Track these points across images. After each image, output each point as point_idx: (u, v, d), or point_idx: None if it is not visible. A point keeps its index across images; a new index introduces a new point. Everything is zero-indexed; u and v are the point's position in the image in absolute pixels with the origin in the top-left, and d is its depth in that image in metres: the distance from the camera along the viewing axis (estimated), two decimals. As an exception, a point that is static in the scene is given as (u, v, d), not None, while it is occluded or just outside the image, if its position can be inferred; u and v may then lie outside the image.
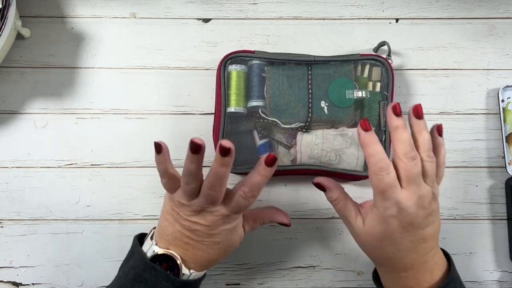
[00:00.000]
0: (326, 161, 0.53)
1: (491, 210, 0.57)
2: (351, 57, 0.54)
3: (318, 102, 0.53)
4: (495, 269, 0.56)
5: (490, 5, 0.61)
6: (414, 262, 0.42)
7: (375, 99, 0.53)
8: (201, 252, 0.44)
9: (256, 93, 0.54)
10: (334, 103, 0.53)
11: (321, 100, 0.53)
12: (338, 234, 0.56)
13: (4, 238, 0.56)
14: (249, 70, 0.54)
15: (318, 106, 0.53)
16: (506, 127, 0.58)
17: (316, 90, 0.53)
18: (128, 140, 0.58)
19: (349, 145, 0.53)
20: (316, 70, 0.54)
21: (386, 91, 0.54)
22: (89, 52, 0.59)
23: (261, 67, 0.54)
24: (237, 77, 0.54)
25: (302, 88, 0.53)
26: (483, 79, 0.59)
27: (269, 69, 0.54)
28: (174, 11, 0.61)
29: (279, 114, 0.53)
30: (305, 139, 0.53)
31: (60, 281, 0.55)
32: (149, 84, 0.59)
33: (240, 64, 0.54)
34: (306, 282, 0.56)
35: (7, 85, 0.58)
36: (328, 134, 0.53)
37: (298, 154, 0.53)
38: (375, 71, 0.55)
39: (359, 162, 0.53)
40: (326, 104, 0.53)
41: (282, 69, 0.54)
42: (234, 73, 0.54)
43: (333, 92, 0.53)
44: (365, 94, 0.53)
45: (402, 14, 0.61)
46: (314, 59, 0.54)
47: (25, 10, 0.60)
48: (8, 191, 0.56)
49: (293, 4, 0.61)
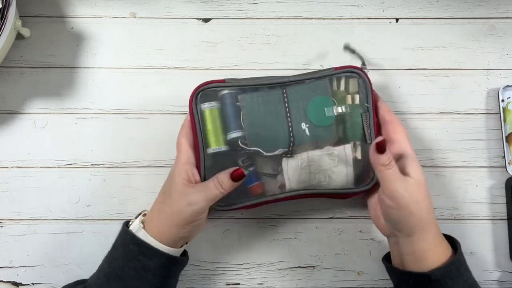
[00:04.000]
0: (316, 183, 0.51)
1: (491, 210, 0.57)
2: (325, 72, 0.51)
3: (298, 125, 0.50)
4: (495, 269, 0.56)
5: (490, 5, 0.61)
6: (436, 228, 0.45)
7: (356, 113, 0.51)
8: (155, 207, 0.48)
9: (233, 124, 0.50)
10: (315, 123, 0.50)
11: (301, 122, 0.50)
12: (338, 234, 0.56)
13: (4, 238, 0.56)
14: (222, 102, 0.50)
15: (299, 129, 0.50)
16: (506, 127, 0.58)
17: (294, 113, 0.50)
18: (128, 140, 0.58)
19: (337, 164, 0.50)
20: (291, 91, 0.50)
21: (366, 102, 0.51)
22: (89, 52, 0.59)
23: (234, 96, 0.50)
24: (211, 116, 0.50)
25: (280, 112, 0.50)
26: (483, 79, 0.59)
27: (243, 97, 0.50)
28: (174, 11, 0.61)
29: (259, 143, 0.50)
30: (290, 165, 0.50)
31: (60, 281, 0.55)
32: (149, 84, 0.59)
33: (211, 102, 0.50)
34: (306, 282, 0.56)
35: (7, 85, 0.58)
36: (314, 156, 0.50)
37: (286, 181, 0.50)
38: (352, 83, 0.51)
39: (349, 178, 0.51)
40: (307, 126, 0.50)
41: (257, 96, 0.50)
42: (207, 112, 0.50)
43: (312, 112, 0.50)
44: (345, 109, 0.50)
45: (402, 14, 0.61)
46: (288, 80, 0.51)
47: (25, 10, 0.60)
48: (8, 191, 0.56)
49: (293, 4, 0.61)
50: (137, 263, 0.44)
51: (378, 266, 0.55)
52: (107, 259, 0.46)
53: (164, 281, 0.46)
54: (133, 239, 0.45)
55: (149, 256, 0.44)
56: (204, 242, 0.56)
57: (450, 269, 0.44)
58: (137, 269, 0.44)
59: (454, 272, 0.44)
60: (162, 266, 0.45)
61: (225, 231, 0.56)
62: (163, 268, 0.45)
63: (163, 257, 0.45)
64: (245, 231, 0.56)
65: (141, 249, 0.44)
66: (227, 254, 0.56)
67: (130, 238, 0.45)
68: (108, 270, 0.45)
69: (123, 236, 0.46)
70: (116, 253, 0.46)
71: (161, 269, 0.45)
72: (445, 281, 0.43)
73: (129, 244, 0.45)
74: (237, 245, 0.56)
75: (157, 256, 0.44)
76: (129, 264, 0.44)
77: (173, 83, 0.59)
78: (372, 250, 0.56)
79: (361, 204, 0.57)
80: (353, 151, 0.51)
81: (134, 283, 0.44)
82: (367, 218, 0.57)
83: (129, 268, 0.44)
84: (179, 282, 0.51)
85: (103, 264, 0.46)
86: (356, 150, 0.51)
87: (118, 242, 0.46)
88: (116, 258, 0.45)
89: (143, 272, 0.44)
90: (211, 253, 0.56)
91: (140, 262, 0.44)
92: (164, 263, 0.45)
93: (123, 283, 0.44)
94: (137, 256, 0.44)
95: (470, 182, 0.57)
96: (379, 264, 0.55)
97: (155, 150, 0.57)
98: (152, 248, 0.44)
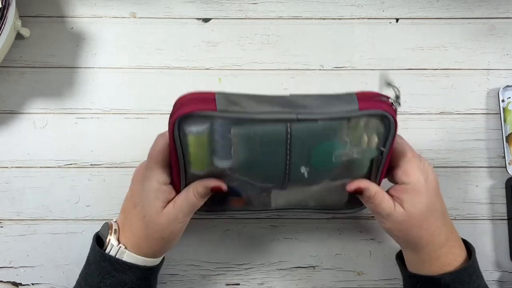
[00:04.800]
0: (304, 204, 0.48)
1: (491, 210, 0.57)
2: (346, 108, 0.39)
3: (297, 168, 0.41)
4: (495, 269, 0.56)
5: (490, 5, 0.61)
6: (447, 231, 0.44)
7: (367, 156, 0.42)
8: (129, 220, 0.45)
9: (221, 153, 0.41)
10: (318, 167, 0.42)
11: (301, 166, 0.41)
12: (338, 234, 0.56)
13: (4, 238, 0.56)
14: (211, 128, 0.39)
15: (297, 171, 0.42)
16: (506, 127, 0.58)
17: (296, 157, 0.41)
18: (128, 140, 0.58)
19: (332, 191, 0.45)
20: (297, 132, 0.39)
21: (383, 146, 0.42)
22: (89, 52, 0.59)
23: (227, 127, 0.39)
24: (196, 144, 0.40)
25: (278, 154, 0.40)
26: (483, 79, 0.59)
27: (236, 132, 0.39)
28: (174, 11, 0.61)
29: (249, 175, 0.43)
30: (281, 195, 0.46)
31: (60, 281, 0.55)
32: (149, 84, 0.59)
33: (198, 125, 0.39)
34: (306, 282, 0.56)
35: (7, 85, 0.58)
36: (310, 190, 0.45)
37: (272, 203, 0.47)
38: (374, 122, 0.40)
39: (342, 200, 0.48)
40: (307, 169, 0.42)
41: (253, 133, 0.39)
42: (192, 138, 0.40)
43: (317, 157, 0.41)
44: (356, 154, 0.41)
45: (402, 14, 0.61)
46: (297, 117, 0.38)
47: (25, 10, 0.60)
48: (8, 191, 0.56)
49: (293, 4, 0.61)
50: (112, 279, 0.43)
51: (378, 266, 0.55)
52: (82, 275, 0.45)
53: None
54: (103, 257, 0.43)
55: (123, 271, 0.43)
56: (204, 242, 0.56)
57: (462, 275, 0.43)
58: (114, 285, 0.43)
59: (466, 278, 0.43)
60: (139, 279, 0.44)
61: (225, 231, 0.56)
62: (141, 280, 0.44)
63: (139, 270, 0.44)
64: (245, 231, 0.56)
65: (114, 266, 0.43)
66: (227, 254, 0.56)
67: (100, 255, 0.43)
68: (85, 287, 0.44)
69: (94, 254, 0.44)
70: (90, 270, 0.44)
71: (139, 281, 0.44)
72: (455, 286, 0.42)
73: (100, 262, 0.43)
74: (237, 245, 0.56)
75: (132, 271, 0.43)
76: (104, 281, 0.43)
77: (173, 83, 0.59)
78: (372, 250, 0.56)
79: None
80: None
81: None
82: (367, 218, 0.57)
83: (104, 285, 0.43)
84: (179, 282, 0.51)
85: (79, 281, 0.45)
86: None
87: (90, 258, 0.45)
88: (91, 275, 0.44)
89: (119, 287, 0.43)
90: (211, 253, 0.56)
91: (115, 278, 0.43)
92: (141, 275, 0.44)
93: None
94: (111, 272, 0.43)
95: (470, 182, 0.57)
96: (379, 264, 0.55)
97: (155, 150, 0.57)
98: (125, 263, 0.43)
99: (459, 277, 0.43)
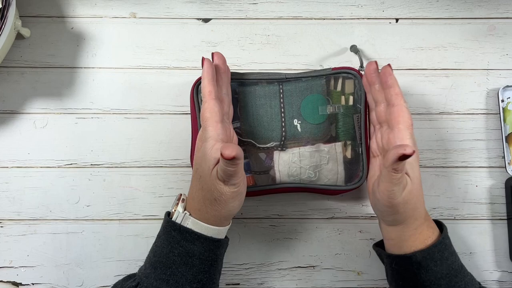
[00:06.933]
0: (306, 178, 0.52)
1: (491, 210, 0.57)
2: (323, 71, 0.53)
3: (291, 120, 0.52)
4: (495, 269, 0.56)
5: (490, 5, 0.61)
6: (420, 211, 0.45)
7: (348, 113, 0.52)
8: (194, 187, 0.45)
9: None
10: (307, 120, 0.52)
11: (294, 118, 0.52)
12: (338, 234, 0.56)
13: (4, 238, 0.56)
14: None
15: (291, 124, 0.52)
16: (506, 127, 0.58)
17: (288, 108, 0.52)
18: (128, 140, 0.58)
19: (327, 161, 0.52)
20: (287, 87, 0.53)
21: (360, 104, 0.52)
22: (89, 52, 0.59)
23: (233, 89, 0.52)
24: None
25: (274, 107, 0.52)
26: (483, 79, 0.59)
27: (241, 90, 0.53)
28: (174, 11, 0.61)
29: (253, 135, 0.52)
30: (282, 158, 0.52)
31: (60, 281, 0.55)
32: (149, 84, 0.59)
33: None
34: (306, 282, 0.56)
35: (7, 85, 0.58)
36: (305, 152, 0.52)
37: (276, 173, 0.52)
38: (348, 84, 0.53)
39: (340, 177, 0.52)
40: (299, 122, 0.52)
41: (254, 89, 0.52)
42: None
43: (305, 109, 0.52)
44: (338, 109, 0.52)
45: (402, 14, 0.61)
46: (285, 77, 0.53)
47: (25, 10, 0.60)
48: (8, 191, 0.56)
49: (293, 4, 0.61)
50: (181, 249, 0.43)
51: (378, 266, 0.55)
52: (152, 249, 0.46)
53: (210, 265, 0.45)
54: (173, 226, 0.44)
55: (192, 241, 0.44)
56: (204, 242, 0.56)
57: (432, 252, 0.43)
58: (182, 255, 0.43)
59: (437, 254, 0.43)
60: (207, 250, 0.44)
61: (225, 231, 0.56)
62: (208, 252, 0.44)
63: (206, 240, 0.44)
64: (245, 231, 0.56)
65: (183, 235, 0.44)
66: (227, 254, 0.56)
67: (171, 225, 0.44)
68: (154, 259, 0.45)
69: (164, 225, 0.45)
70: (160, 242, 0.45)
71: (206, 253, 0.44)
72: (427, 264, 0.43)
73: (170, 231, 0.44)
74: (237, 245, 0.56)
75: (200, 241, 0.44)
76: (173, 251, 0.44)
77: (173, 83, 0.59)
78: (372, 250, 0.56)
79: (361, 204, 0.57)
80: (343, 149, 0.52)
81: (181, 269, 0.43)
82: (367, 218, 0.57)
83: (173, 255, 0.43)
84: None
85: (149, 255, 0.46)
86: (346, 149, 0.52)
87: (161, 232, 0.46)
88: (160, 247, 0.45)
89: (188, 258, 0.43)
90: (211, 253, 0.56)
91: (184, 248, 0.43)
92: (209, 247, 0.44)
93: (170, 270, 0.43)
94: (180, 242, 0.44)
95: (470, 182, 0.57)
96: (379, 264, 0.55)
97: (155, 150, 0.57)
98: (193, 232, 0.44)
99: (431, 253, 0.43)
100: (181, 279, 0.43)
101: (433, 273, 0.43)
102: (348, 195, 0.56)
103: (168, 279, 0.43)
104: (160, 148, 0.57)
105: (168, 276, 0.43)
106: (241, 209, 0.56)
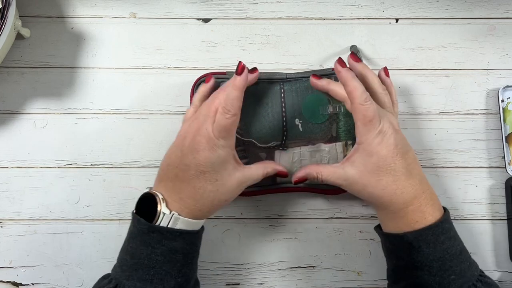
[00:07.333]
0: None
1: (491, 210, 0.57)
2: (323, 71, 0.53)
3: (293, 120, 0.52)
4: (495, 269, 0.56)
5: (490, 5, 0.61)
6: (415, 191, 0.44)
7: (349, 113, 0.51)
8: (187, 185, 0.44)
9: None
10: (308, 119, 0.52)
11: (295, 118, 0.52)
12: (338, 234, 0.56)
13: (4, 238, 0.56)
14: None
15: (293, 123, 0.52)
16: (506, 127, 0.58)
17: (290, 108, 0.52)
18: (128, 140, 0.58)
19: (328, 161, 0.52)
20: (288, 87, 0.53)
21: None
22: (89, 52, 0.60)
23: None
24: None
25: (276, 106, 0.52)
26: (483, 79, 0.59)
27: None
28: (174, 11, 0.61)
29: (254, 134, 0.52)
30: (282, 157, 0.52)
31: (60, 281, 0.55)
32: (149, 84, 0.59)
33: None
34: (306, 282, 0.56)
35: (7, 85, 0.58)
36: (305, 151, 0.52)
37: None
38: None
39: None
40: (300, 122, 0.52)
41: (255, 89, 0.52)
42: None
43: (306, 109, 0.52)
44: (338, 109, 0.52)
45: (402, 14, 0.61)
46: (286, 77, 0.53)
47: (25, 10, 0.60)
48: (8, 191, 0.56)
49: (293, 4, 0.61)
50: (163, 248, 0.43)
51: (378, 266, 0.55)
52: (126, 252, 0.45)
53: (192, 257, 0.46)
54: (151, 228, 0.43)
55: (173, 239, 0.43)
56: (204, 242, 0.56)
57: (425, 234, 0.43)
58: (165, 253, 0.43)
59: (431, 237, 0.43)
60: (188, 244, 0.45)
61: (225, 231, 0.56)
62: (190, 245, 0.45)
63: (188, 235, 0.44)
64: (245, 231, 0.56)
65: (164, 235, 0.43)
66: (227, 254, 0.56)
67: (148, 227, 0.43)
68: (132, 261, 0.44)
69: (139, 227, 0.44)
70: (135, 244, 0.44)
71: (188, 247, 0.45)
72: (419, 245, 0.43)
73: (149, 232, 0.43)
74: (237, 245, 0.56)
75: (181, 236, 0.44)
76: (155, 251, 0.43)
77: (173, 83, 0.59)
78: (372, 250, 0.56)
79: (361, 204, 0.57)
80: (344, 149, 0.52)
81: (165, 267, 0.43)
82: (367, 218, 0.57)
83: (156, 255, 0.43)
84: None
85: (124, 258, 0.45)
86: (347, 149, 0.52)
87: (133, 233, 0.45)
88: (137, 249, 0.44)
89: (171, 255, 0.43)
90: (211, 253, 0.56)
91: (166, 246, 0.43)
92: (190, 240, 0.45)
93: (153, 270, 0.43)
94: (161, 241, 0.43)
95: (470, 182, 0.57)
96: (379, 264, 0.55)
97: (155, 150, 0.57)
98: (176, 230, 0.43)
99: (423, 235, 0.43)
100: (166, 276, 0.43)
101: (425, 254, 0.43)
102: (348, 195, 0.56)
103: (152, 279, 0.43)
104: (160, 148, 0.57)
105: (152, 276, 0.43)
106: (241, 209, 0.57)
